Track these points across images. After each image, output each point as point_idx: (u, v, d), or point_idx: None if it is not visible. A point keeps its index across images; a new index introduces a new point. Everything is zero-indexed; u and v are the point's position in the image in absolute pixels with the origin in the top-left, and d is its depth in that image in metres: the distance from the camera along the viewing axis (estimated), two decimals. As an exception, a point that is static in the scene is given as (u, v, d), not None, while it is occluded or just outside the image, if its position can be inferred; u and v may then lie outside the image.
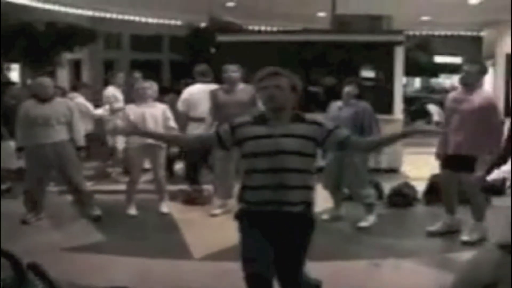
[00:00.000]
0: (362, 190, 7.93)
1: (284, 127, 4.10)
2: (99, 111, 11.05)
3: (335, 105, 8.05)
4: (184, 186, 9.61)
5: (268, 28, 20.22)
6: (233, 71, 8.28)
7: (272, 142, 4.04)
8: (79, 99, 10.70)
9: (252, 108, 7.49)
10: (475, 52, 20.95)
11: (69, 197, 8.67)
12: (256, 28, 20.15)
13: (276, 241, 4.11)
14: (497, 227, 7.02)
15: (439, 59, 27.96)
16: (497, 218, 7.36)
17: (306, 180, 4.11)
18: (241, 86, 8.33)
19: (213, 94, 8.45)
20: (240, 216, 4.26)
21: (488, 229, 7.13)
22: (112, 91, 11.28)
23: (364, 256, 6.72)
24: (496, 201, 8.63)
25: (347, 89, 7.94)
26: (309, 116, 4.25)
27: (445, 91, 17.38)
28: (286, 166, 4.01)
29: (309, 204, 4.18)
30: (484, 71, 7.21)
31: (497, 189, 9.40)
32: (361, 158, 7.86)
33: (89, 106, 10.88)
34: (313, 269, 4.59)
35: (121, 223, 8.08)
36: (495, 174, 5.43)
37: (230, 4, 17.11)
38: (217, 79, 9.27)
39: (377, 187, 9.11)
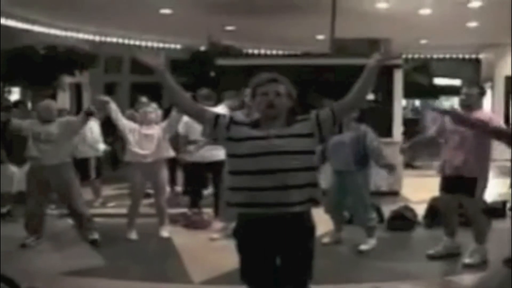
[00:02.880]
0: (364, 213, 7.93)
1: (279, 129, 4.05)
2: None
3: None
4: (184, 210, 9.60)
5: (268, 52, 20.28)
6: (246, 95, 8.22)
7: (268, 143, 3.97)
8: (92, 123, 10.78)
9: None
10: (473, 74, 21.04)
11: (69, 220, 8.67)
12: (256, 51, 20.24)
13: (279, 248, 4.06)
14: (499, 249, 7.08)
15: (438, 81, 28.03)
16: (499, 241, 7.42)
17: (308, 178, 4.03)
18: (219, 107, 8.35)
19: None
20: (237, 230, 4.20)
21: (489, 251, 7.14)
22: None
23: (365, 280, 6.71)
24: (497, 223, 8.62)
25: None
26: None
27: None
28: (284, 166, 3.93)
29: (314, 201, 4.10)
30: (483, 93, 7.25)
31: (499, 212, 9.43)
32: (364, 181, 7.88)
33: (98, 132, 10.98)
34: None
35: (121, 247, 8.06)
36: None
37: (230, 27, 17.16)
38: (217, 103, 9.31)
39: (378, 210, 9.10)
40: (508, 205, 9.87)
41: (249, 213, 4.05)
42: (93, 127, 10.86)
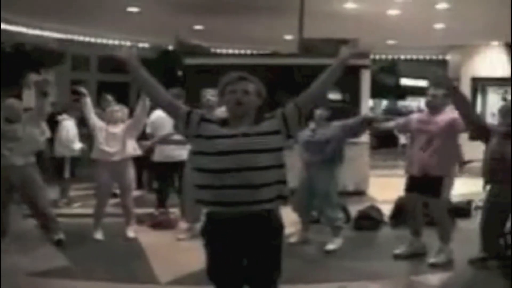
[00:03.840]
0: (331, 213, 7.95)
1: (247, 127, 4.04)
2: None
3: (308, 127, 8.05)
4: (151, 210, 9.56)
5: (236, 51, 20.25)
6: (212, 95, 8.21)
7: (236, 141, 3.96)
8: (68, 122, 10.68)
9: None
10: (433, 79, 21.14)
11: (34, 221, 8.58)
12: (224, 51, 20.20)
13: (246, 247, 4.05)
14: (464, 249, 7.15)
15: (405, 81, 28.23)
16: (464, 240, 7.49)
17: (276, 176, 4.01)
18: (219, 110, 8.33)
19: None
20: (205, 229, 4.18)
21: (454, 251, 7.21)
22: None
23: (332, 279, 6.71)
24: (462, 223, 8.69)
25: (319, 111, 7.97)
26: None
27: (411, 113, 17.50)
28: (252, 164, 3.92)
29: (282, 197, 4.08)
30: (449, 94, 7.31)
31: (464, 211, 9.52)
32: (331, 181, 7.90)
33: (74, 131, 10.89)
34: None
35: (87, 248, 8.00)
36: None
37: (198, 27, 17.11)
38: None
39: (344, 210, 9.12)
40: (474, 205, 9.97)
41: (217, 212, 4.04)
42: (68, 126, 10.79)
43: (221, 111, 8.59)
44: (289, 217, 6.85)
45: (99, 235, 8.38)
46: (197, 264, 4.87)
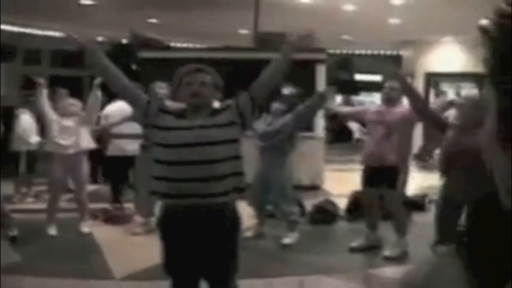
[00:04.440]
0: (287, 207, 7.96)
1: (204, 119, 4.02)
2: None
3: (264, 118, 8.02)
4: (105, 205, 9.48)
5: (191, 45, 20.17)
6: (161, 87, 8.17)
7: (193, 134, 3.93)
8: (25, 116, 10.52)
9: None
10: (388, 72, 21.32)
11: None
12: (179, 45, 20.09)
13: (203, 240, 4.00)
14: (419, 242, 7.21)
15: (359, 77, 28.37)
16: (419, 233, 7.56)
17: (232, 167, 4.00)
18: (169, 103, 8.26)
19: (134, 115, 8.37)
20: (161, 221, 4.15)
21: (409, 244, 7.27)
22: None
23: (289, 273, 6.73)
24: (417, 217, 8.77)
25: (276, 105, 7.98)
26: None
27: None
28: (209, 157, 3.90)
29: (240, 189, 4.07)
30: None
31: (419, 205, 9.61)
32: (287, 175, 7.91)
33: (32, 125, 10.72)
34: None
35: (41, 244, 7.87)
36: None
37: (153, 20, 16.99)
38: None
39: (300, 204, 9.13)
40: (428, 199, 10.07)
41: (173, 204, 4.02)
42: (24, 120, 10.63)
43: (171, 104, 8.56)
44: (244, 211, 6.84)
45: (52, 231, 8.26)
46: (152, 259, 4.82)
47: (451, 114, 7.24)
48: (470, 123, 5.55)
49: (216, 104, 4.29)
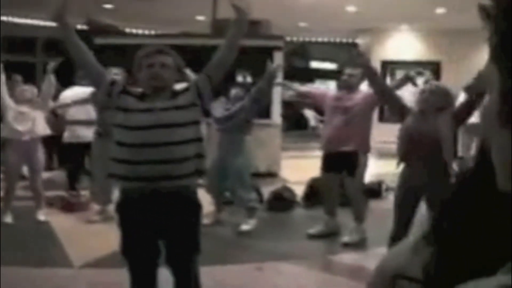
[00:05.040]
0: (245, 194, 7.95)
1: (165, 102, 4.00)
2: None
3: (220, 102, 7.98)
4: (61, 192, 9.37)
5: (146, 32, 20.01)
6: (114, 74, 8.10)
7: (153, 116, 3.92)
8: None
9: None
10: (350, 58, 21.48)
11: None
12: (134, 31, 19.92)
13: (164, 223, 4.00)
14: (376, 228, 7.27)
15: (315, 64, 28.45)
16: (375, 220, 7.62)
17: (194, 149, 3.99)
18: None
19: (94, 97, 8.29)
20: (119, 205, 4.13)
21: (367, 230, 7.33)
22: None
23: (247, 260, 6.74)
24: (373, 203, 8.83)
25: (234, 91, 7.99)
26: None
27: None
28: (170, 139, 3.90)
29: (201, 172, 4.10)
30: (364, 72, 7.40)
31: (375, 192, 9.69)
32: (245, 162, 7.90)
33: None
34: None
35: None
36: None
37: (108, 6, 16.80)
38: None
39: (257, 191, 9.13)
40: (385, 186, 10.16)
41: (132, 188, 3.98)
42: None
43: None
44: (202, 198, 6.82)
45: (8, 219, 8.14)
46: (110, 247, 4.79)
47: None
48: (430, 109, 5.59)
49: (177, 86, 4.26)
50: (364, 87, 7.51)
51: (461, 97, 6.41)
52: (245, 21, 4.23)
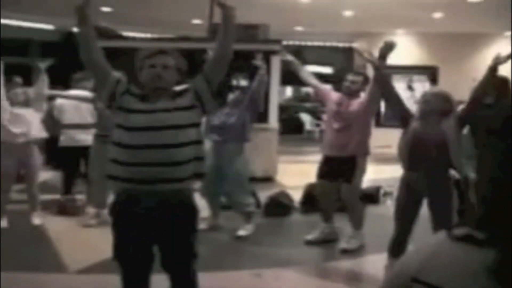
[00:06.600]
0: (242, 198, 7.91)
1: (165, 103, 3.97)
2: None
3: (222, 110, 7.94)
4: (56, 196, 9.31)
5: (143, 35, 19.96)
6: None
7: (154, 117, 3.89)
8: None
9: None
10: (346, 62, 21.44)
11: None
12: (131, 34, 19.87)
13: (159, 229, 3.96)
14: (373, 234, 7.24)
15: (311, 68, 28.44)
16: (373, 226, 7.59)
17: (193, 152, 3.96)
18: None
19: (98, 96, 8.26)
20: (114, 208, 4.09)
21: (365, 236, 7.30)
22: None
23: (245, 266, 6.71)
24: (371, 209, 8.80)
25: (232, 96, 7.95)
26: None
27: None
28: (170, 141, 3.86)
29: (200, 175, 4.07)
30: (367, 81, 7.36)
31: (372, 198, 9.65)
32: (244, 165, 7.85)
33: None
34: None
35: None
36: None
37: (106, 9, 16.74)
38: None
39: (254, 196, 9.08)
40: (382, 191, 10.13)
41: (129, 190, 3.93)
42: None
43: None
44: (198, 203, 6.78)
45: (3, 223, 8.08)
46: (106, 252, 4.70)
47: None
48: (432, 113, 5.54)
49: (178, 87, 4.23)
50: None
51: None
52: (231, 18, 4.16)
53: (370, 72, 6.69)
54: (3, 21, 18.89)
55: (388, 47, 6.07)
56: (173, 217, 3.95)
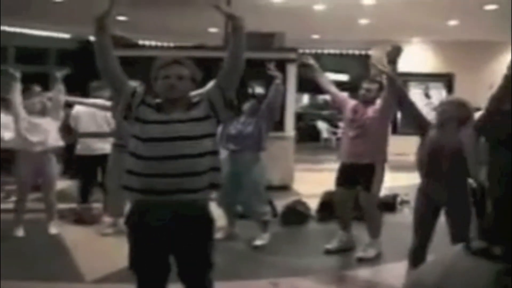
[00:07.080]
0: (259, 207, 7.88)
1: (181, 113, 3.95)
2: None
3: (238, 119, 7.94)
4: (73, 205, 9.32)
5: (159, 44, 20.00)
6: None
7: (170, 128, 3.88)
8: None
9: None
10: (362, 70, 21.42)
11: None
12: (147, 43, 19.92)
13: (175, 239, 3.94)
14: (391, 243, 7.20)
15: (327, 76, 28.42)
16: (390, 234, 7.55)
17: (209, 163, 3.93)
18: None
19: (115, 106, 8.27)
20: (129, 218, 4.07)
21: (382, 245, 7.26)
22: None
23: (262, 276, 6.67)
24: (387, 217, 8.75)
25: (248, 105, 7.92)
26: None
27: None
28: (186, 152, 3.84)
29: (216, 185, 4.04)
30: (382, 88, 7.33)
31: (390, 206, 9.60)
32: (260, 175, 7.82)
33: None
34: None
35: (8, 245, 7.61)
36: None
37: (122, 18, 16.79)
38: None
39: (271, 205, 9.06)
40: (399, 199, 10.08)
41: (145, 201, 3.92)
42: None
43: None
44: (214, 212, 6.77)
45: (20, 232, 8.09)
46: (123, 261, 4.71)
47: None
48: (449, 120, 5.50)
49: (193, 98, 4.22)
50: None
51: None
52: (240, 29, 4.13)
53: (385, 81, 6.67)
54: (19, 30, 19.01)
55: (396, 52, 6.05)
56: (189, 227, 3.93)
